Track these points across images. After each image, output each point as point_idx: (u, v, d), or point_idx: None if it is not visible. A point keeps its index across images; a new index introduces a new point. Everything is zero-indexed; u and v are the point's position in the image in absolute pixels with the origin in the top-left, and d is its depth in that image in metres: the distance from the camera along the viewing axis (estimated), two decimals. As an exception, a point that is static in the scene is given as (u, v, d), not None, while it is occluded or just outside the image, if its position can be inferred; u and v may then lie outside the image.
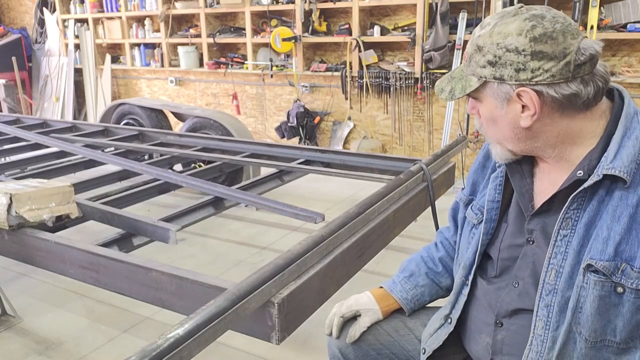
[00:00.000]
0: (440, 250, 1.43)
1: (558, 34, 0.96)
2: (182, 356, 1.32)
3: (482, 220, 1.19)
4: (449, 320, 1.26)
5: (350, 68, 5.35)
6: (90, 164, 3.75)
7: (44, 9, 7.59)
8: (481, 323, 1.19)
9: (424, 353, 1.29)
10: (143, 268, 1.89)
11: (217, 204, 2.89)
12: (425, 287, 1.39)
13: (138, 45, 6.85)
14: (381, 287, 1.43)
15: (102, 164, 3.71)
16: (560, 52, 0.95)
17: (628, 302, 0.94)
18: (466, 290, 1.22)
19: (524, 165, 1.12)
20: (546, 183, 1.09)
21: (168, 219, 2.53)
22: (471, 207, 1.25)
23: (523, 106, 1.00)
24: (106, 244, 2.30)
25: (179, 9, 6.32)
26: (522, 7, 1.01)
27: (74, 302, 2.84)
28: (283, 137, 5.77)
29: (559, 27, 0.97)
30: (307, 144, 5.60)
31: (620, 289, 0.94)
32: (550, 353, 1.02)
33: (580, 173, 1.00)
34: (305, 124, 5.63)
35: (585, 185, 0.98)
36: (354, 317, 1.39)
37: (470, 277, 1.21)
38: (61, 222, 2.47)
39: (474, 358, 1.24)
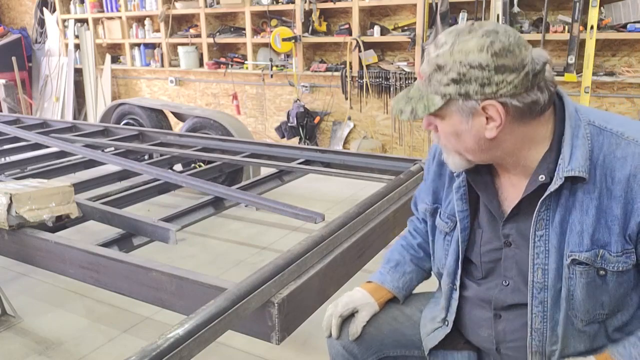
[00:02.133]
0: (416, 238, 1.47)
1: (514, 47, 1.00)
2: (182, 356, 1.32)
3: (453, 228, 1.24)
4: (446, 322, 1.30)
5: (350, 68, 5.35)
6: (90, 164, 3.75)
7: (44, 9, 7.59)
8: (479, 319, 1.24)
9: (425, 349, 1.34)
10: (143, 268, 1.89)
11: (217, 204, 2.89)
12: (413, 273, 1.44)
13: (138, 45, 6.85)
14: (369, 281, 1.45)
15: (102, 164, 3.71)
16: (519, 63, 1.00)
17: (611, 282, 1.06)
18: (456, 295, 1.27)
19: (484, 175, 1.17)
20: (509, 188, 1.15)
21: (168, 219, 2.53)
22: (439, 216, 1.29)
23: (487, 118, 1.04)
24: (106, 244, 2.30)
25: (179, 9, 6.32)
26: (473, 24, 1.04)
27: (74, 302, 2.84)
28: (283, 137, 5.77)
29: (513, 40, 1.00)
30: (307, 144, 5.60)
31: (602, 272, 1.05)
32: (552, 339, 1.12)
33: (542, 177, 1.07)
34: (305, 124, 5.63)
35: (551, 189, 1.06)
36: (351, 315, 1.40)
37: (457, 282, 1.26)
38: (61, 222, 2.47)
39: (479, 347, 1.28)
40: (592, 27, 4.10)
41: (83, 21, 7.23)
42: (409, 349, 1.38)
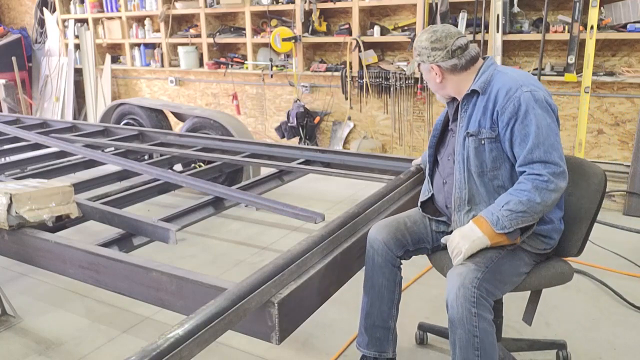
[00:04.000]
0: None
1: (442, 38, 1.90)
2: (182, 356, 1.32)
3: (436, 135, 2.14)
4: (429, 191, 2.12)
5: (350, 68, 5.35)
6: (90, 164, 3.76)
7: (44, 9, 7.59)
8: (438, 185, 2.07)
9: (419, 206, 2.14)
10: (143, 268, 1.89)
11: (217, 204, 2.89)
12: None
13: (138, 45, 6.85)
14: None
15: (102, 164, 3.71)
16: (443, 46, 1.90)
17: (487, 146, 1.85)
18: (431, 168, 2.13)
19: (454, 101, 2.03)
20: (457, 105, 1.99)
21: (168, 219, 2.54)
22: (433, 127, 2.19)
23: (436, 73, 1.94)
24: (106, 244, 2.30)
25: (179, 9, 6.32)
26: (430, 27, 1.95)
27: (74, 302, 2.85)
28: (283, 137, 5.77)
29: (443, 34, 1.90)
30: (307, 144, 5.60)
31: (483, 142, 1.85)
32: (465, 186, 1.90)
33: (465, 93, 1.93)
34: (305, 124, 5.63)
35: (463, 96, 1.92)
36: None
37: (432, 159, 2.13)
38: (61, 222, 2.47)
39: (441, 210, 2.07)
40: (592, 27, 4.10)
41: (83, 21, 7.23)
42: (421, 244, 2.07)
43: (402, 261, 2.05)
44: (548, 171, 1.72)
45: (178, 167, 4.27)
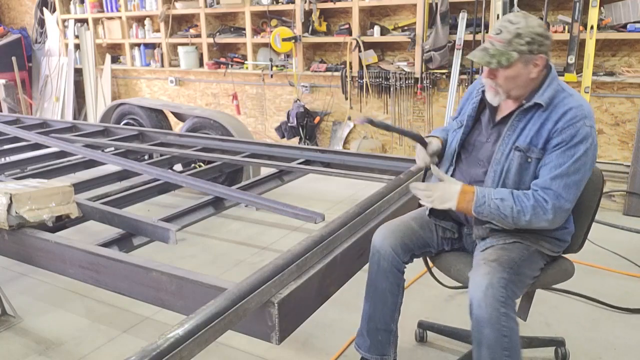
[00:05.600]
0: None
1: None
2: (182, 356, 1.32)
3: (460, 127, 2.00)
4: None
5: (350, 68, 5.35)
6: (90, 164, 3.75)
7: (44, 9, 7.59)
8: None
9: (426, 210, 2.04)
10: (143, 268, 1.89)
11: (217, 204, 2.89)
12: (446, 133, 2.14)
13: (138, 45, 6.85)
14: (429, 137, 2.10)
15: (102, 164, 3.71)
16: (550, 35, 1.77)
17: (533, 165, 1.79)
18: (450, 170, 1.99)
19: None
20: (505, 108, 1.88)
21: (168, 219, 2.54)
22: (455, 120, 2.06)
23: (534, 66, 1.76)
24: (106, 244, 2.30)
25: (179, 9, 6.32)
26: (519, 12, 1.77)
27: (74, 302, 2.84)
28: (283, 137, 5.77)
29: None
30: (307, 144, 5.60)
31: (529, 159, 1.78)
32: None
33: (524, 102, 1.81)
34: (305, 124, 5.63)
35: (525, 106, 1.80)
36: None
37: (454, 160, 1.99)
38: (61, 222, 2.47)
39: (454, 214, 1.98)
40: (592, 27, 4.10)
41: (83, 21, 7.23)
42: (426, 248, 2.03)
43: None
44: (555, 204, 1.72)
45: (178, 167, 4.27)
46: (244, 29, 6.00)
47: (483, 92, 1.91)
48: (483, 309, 1.64)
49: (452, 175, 1.97)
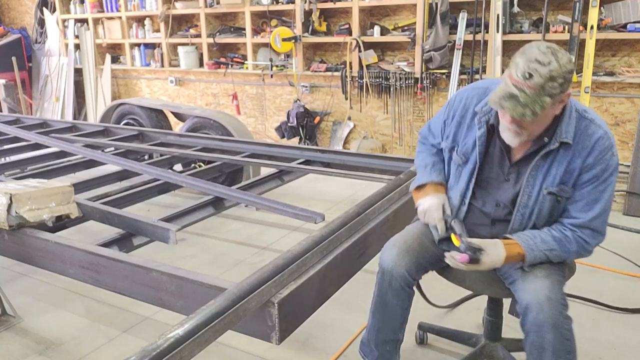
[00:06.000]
0: (433, 149, 2.01)
1: None
2: (182, 356, 1.32)
3: (465, 162, 1.82)
4: None
5: (350, 68, 5.35)
6: (90, 164, 3.75)
7: (44, 9, 7.59)
8: (479, 224, 1.85)
9: (437, 233, 1.89)
10: (143, 268, 1.89)
11: (217, 204, 2.89)
12: (442, 164, 1.96)
13: (138, 45, 6.85)
14: (422, 185, 1.94)
15: (102, 164, 3.71)
16: (573, 69, 1.57)
17: (563, 203, 1.72)
18: (464, 208, 1.85)
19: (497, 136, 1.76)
20: (518, 147, 1.73)
21: (168, 219, 2.54)
22: (456, 152, 1.86)
23: (560, 102, 1.58)
24: (106, 244, 2.30)
25: (179, 9, 6.32)
26: (540, 43, 1.58)
27: (74, 302, 2.84)
28: (283, 137, 5.77)
29: None
30: (307, 144, 5.59)
31: (559, 199, 1.71)
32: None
33: (546, 139, 1.66)
34: (305, 124, 5.63)
35: (550, 147, 1.66)
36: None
37: (467, 200, 1.84)
38: (61, 222, 2.47)
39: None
40: (592, 27, 4.10)
41: (83, 21, 7.23)
42: (439, 263, 1.89)
43: None
44: (595, 242, 1.72)
45: (178, 167, 4.27)
46: (244, 29, 6.00)
47: (487, 123, 1.75)
48: (547, 313, 1.59)
49: (465, 214, 1.84)
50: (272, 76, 5.76)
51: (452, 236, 1.76)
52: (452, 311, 2.68)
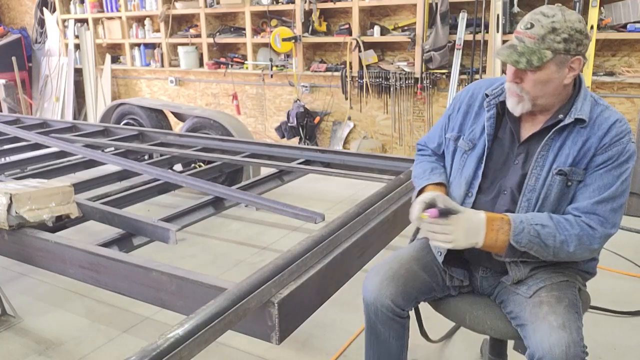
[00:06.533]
0: (431, 155, 1.89)
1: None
2: (182, 356, 1.32)
3: (472, 148, 1.68)
4: None
5: (350, 68, 5.35)
6: (90, 164, 3.75)
7: (44, 9, 7.59)
8: None
9: (440, 255, 1.71)
10: (143, 268, 1.89)
11: (217, 204, 2.89)
12: (442, 168, 1.82)
13: (138, 45, 6.85)
14: (424, 187, 1.76)
15: (102, 164, 3.71)
16: (588, 35, 1.47)
17: (573, 189, 1.54)
18: (470, 200, 1.66)
19: (514, 115, 1.61)
20: (528, 124, 1.62)
21: (168, 219, 2.54)
22: (462, 139, 1.71)
23: (569, 69, 1.48)
24: (106, 244, 2.30)
25: (179, 9, 6.32)
26: (555, 6, 1.48)
27: (74, 302, 2.84)
28: (283, 137, 5.77)
29: None
30: (307, 144, 5.60)
31: (569, 183, 1.53)
32: None
33: (561, 116, 1.54)
34: (305, 124, 5.63)
35: (565, 122, 1.52)
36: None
37: (474, 190, 1.65)
38: (61, 222, 2.47)
39: (468, 254, 1.69)
40: (592, 27, 4.10)
41: (83, 21, 7.23)
42: (432, 293, 1.72)
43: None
44: (603, 231, 1.50)
45: (178, 167, 4.27)
46: (244, 29, 6.00)
47: (496, 105, 1.63)
48: None
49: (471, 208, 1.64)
50: (272, 76, 5.76)
51: (422, 214, 1.54)
52: (450, 342, 2.46)
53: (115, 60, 7.22)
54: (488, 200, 1.63)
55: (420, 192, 1.74)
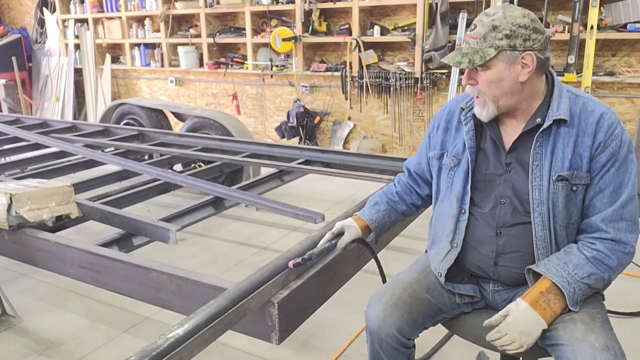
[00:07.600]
0: (397, 187, 1.86)
1: (536, 19, 1.44)
2: (182, 356, 1.32)
3: (457, 164, 1.62)
4: (455, 244, 1.61)
5: (350, 68, 5.35)
6: (90, 164, 3.75)
7: (44, 9, 7.59)
8: (482, 237, 1.58)
9: (440, 276, 1.63)
10: (143, 268, 1.89)
11: (217, 204, 2.89)
12: (386, 212, 1.80)
13: (138, 45, 6.85)
14: (356, 215, 1.81)
15: (102, 164, 3.71)
16: (542, 29, 1.44)
17: (579, 194, 1.47)
18: (464, 217, 1.60)
19: (493, 123, 1.57)
20: (509, 129, 1.56)
21: (168, 219, 2.53)
22: (446, 156, 1.66)
23: (522, 66, 1.43)
24: (106, 244, 2.30)
25: (179, 9, 6.32)
26: (505, 4, 1.49)
27: (74, 302, 2.84)
28: (283, 137, 5.77)
29: (535, 15, 1.46)
30: (307, 144, 5.60)
31: (575, 188, 1.46)
32: (550, 244, 1.50)
33: (539, 120, 1.48)
34: (305, 124, 5.63)
35: (544, 127, 1.47)
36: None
37: (466, 206, 1.59)
38: (61, 222, 2.47)
39: (474, 270, 1.61)
40: (592, 27, 4.10)
41: (83, 21, 7.23)
42: (439, 315, 1.63)
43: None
44: (634, 238, 1.44)
45: (178, 167, 4.27)
46: (244, 29, 6.00)
47: (473, 116, 1.58)
48: None
49: (467, 224, 1.59)
50: (272, 76, 5.76)
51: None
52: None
53: (115, 60, 7.22)
54: (487, 213, 1.57)
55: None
